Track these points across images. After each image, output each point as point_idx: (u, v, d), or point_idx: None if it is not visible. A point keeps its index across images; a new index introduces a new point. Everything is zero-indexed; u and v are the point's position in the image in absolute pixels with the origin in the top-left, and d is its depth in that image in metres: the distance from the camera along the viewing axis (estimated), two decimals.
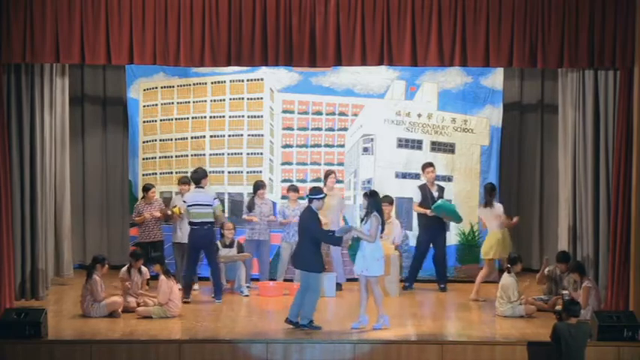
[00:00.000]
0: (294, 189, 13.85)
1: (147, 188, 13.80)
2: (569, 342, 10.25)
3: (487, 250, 13.38)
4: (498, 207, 13.41)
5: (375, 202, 11.54)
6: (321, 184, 13.80)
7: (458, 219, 13.86)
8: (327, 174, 13.84)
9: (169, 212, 13.65)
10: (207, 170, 14.50)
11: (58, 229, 13.90)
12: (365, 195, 11.75)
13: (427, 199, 13.77)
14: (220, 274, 13.20)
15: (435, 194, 13.82)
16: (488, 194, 13.44)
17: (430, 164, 13.94)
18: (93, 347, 10.89)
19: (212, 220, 13.02)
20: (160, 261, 12.46)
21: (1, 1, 11.78)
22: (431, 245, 13.98)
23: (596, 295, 12.13)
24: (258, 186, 13.83)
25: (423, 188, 13.93)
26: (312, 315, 11.47)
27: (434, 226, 13.84)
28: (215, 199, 13.15)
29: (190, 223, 13.04)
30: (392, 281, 13.44)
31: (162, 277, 12.23)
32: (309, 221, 11.55)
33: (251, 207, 13.76)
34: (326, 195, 11.99)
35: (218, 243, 13.63)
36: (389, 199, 13.74)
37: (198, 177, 13.17)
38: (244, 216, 13.86)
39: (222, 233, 13.70)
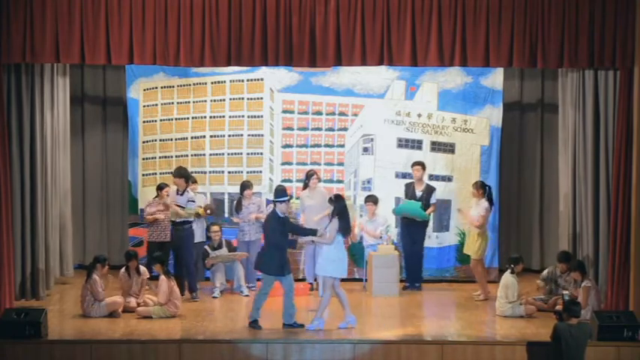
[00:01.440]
0: (248, 186, 13.85)
1: (161, 187, 13.72)
2: (569, 342, 10.26)
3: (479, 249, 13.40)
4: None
5: (339, 206, 11.65)
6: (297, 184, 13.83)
7: (422, 216, 13.81)
8: (310, 174, 13.77)
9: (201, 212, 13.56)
10: (207, 170, 14.56)
11: (61, 229, 13.91)
12: (330, 200, 11.86)
13: (409, 198, 13.80)
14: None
15: (419, 194, 13.81)
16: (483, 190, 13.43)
17: (417, 163, 13.94)
18: (93, 347, 10.91)
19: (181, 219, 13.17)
20: (161, 261, 12.45)
21: (1, 1, 11.78)
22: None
23: (596, 295, 12.13)
24: (245, 186, 13.83)
25: (408, 186, 13.96)
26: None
27: (412, 225, 13.83)
28: (189, 201, 13.24)
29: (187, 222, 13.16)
30: (392, 281, 13.45)
31: (162, 277, 12.23)
32: (274, 224, 11.62)
33: (238, 208, 13.76)
34: (290, 197, 12.10)
35: (207, 247, 13.58)
36: (373, 199, 13.82)
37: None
38: (234, 218, 13.89)
39: (209, 236, 13.67)
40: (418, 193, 13.82)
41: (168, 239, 13.59)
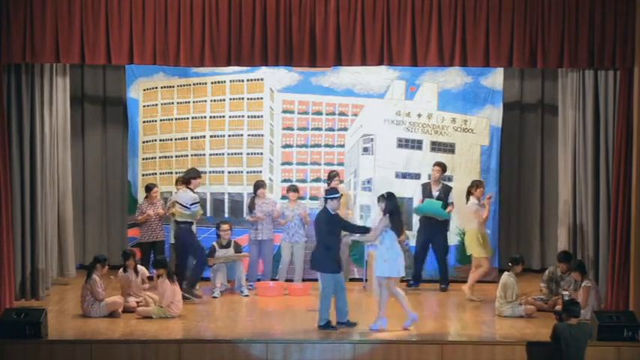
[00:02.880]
0: (293, 189, 13.85)
1: (149, 188, 13.78)
2: (569, 342, 10.25)
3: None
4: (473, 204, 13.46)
5: (391, 203, 11.56)
6: (321, 185, 13.83)
7: (444, 216, 13.83)
8: (332, 175, 13.75)
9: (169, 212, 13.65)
10: (207, 170, 14.54)
11: (61, 229, 13.91)
12: (382, 197, 11.67)
13: (425, 198, 13.81)
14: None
15: (435, 194, 13.82)
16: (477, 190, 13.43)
17: (438, 163, 13.95)
18: (93, 347, 10.90)
19: (186, 220, 13.18)
20: (165, 264, 12.39)
21: (1, 1, 11.78)
22: (430, 245, 14.00)
23: (596, 295, 12.13)
24: (258, 185, 13.84)
25: (424, 187, 13.97)
26: (329, 314, 11.54)
27: (431, 226, 13.83)
28: (194, 204, 13.19)
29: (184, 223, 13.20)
30: None
31: (166, 280, 12.14)
32: (325, 222, 11.55)
33: (252, 207, 13.76)
34: (342, 195, 12.02)
35: (215, 244, 13.61)
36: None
37: (188, 177, 13.33)
38: (247, 217, 13.87)
39: (218, 234, 13.68)
40: (435, 193, 13.83)
41: (161, 238, 13.63)
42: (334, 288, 11.52)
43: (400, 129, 14.63)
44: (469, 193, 13.45)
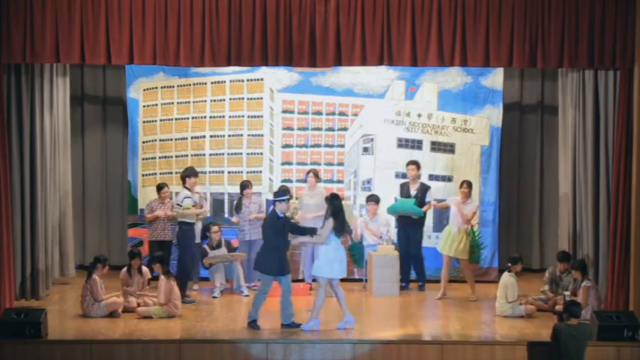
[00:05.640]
0: (250, 185, 13.87)
1: (160, 187, 13.75)
2: (569, 342, 10.26)
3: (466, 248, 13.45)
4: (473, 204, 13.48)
5: (333, 205, 11.63)
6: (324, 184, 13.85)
7: (417, 213, 13.79)
8: (307, 172, 13.88)
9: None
10: (207, 170, 14.54)
11: (61, 229, 13.91)
12: (326, 199, 11.85)
13: (404, 197, 13.80)
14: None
15: (413, 193, 13.81)
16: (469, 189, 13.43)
17: (412, 162, 13.93)
18: (93, 347, 10.91)
19: (186, 220, 13.13)
20: (161, 260, 12.43)
21: (1, 1, 11.79)
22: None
23: (596, 295, 12.13)
24: (244, 186, 13.85)
25: (403, 186, 13.97)
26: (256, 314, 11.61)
27: (407, 224, 13.82)
28: (186, 197, 13.19)
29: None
30: (392, 281, 13.45)
31: (162, 277, 12.22)
32: (273, 224, 11.63)
33: (238, 208, 13.77)
34: (290, 197, 12.07)
35: (206, 247, 13.59)
36: (374, 198, 13.81)
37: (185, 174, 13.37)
38: (232, 218, 13.89)
39: (208, 235, 13.65)
40: (413, 192, 13.84)
41: (169, 238, 13.62)
42: (283, 290, 11.63)
43: (400, 129, 14.64)
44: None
